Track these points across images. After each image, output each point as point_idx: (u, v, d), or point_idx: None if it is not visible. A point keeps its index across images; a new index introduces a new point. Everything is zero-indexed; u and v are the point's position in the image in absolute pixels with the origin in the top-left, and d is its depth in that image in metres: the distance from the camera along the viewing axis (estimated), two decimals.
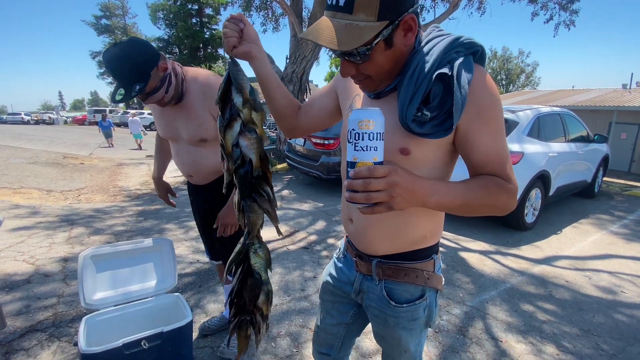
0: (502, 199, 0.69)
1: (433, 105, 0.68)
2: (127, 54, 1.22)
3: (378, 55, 0.68)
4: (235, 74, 0.73)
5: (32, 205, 4.42)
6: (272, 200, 0.78)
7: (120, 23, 36.35)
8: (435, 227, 0.85)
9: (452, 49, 0.69)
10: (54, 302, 2.21)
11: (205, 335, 1.95)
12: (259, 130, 0.74)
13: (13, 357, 1.72)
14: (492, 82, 0.71)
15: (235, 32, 0.78)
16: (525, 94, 17.32)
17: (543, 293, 2.63)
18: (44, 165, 7.31)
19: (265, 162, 0.76)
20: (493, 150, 0.70)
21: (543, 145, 3.99)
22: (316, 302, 2.34)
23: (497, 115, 0.70)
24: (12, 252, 2.91)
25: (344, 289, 0.97)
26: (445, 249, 3.36)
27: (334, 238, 3.56)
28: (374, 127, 0.59)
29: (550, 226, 4.22)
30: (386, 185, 0.57)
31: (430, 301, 0.87)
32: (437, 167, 0.77)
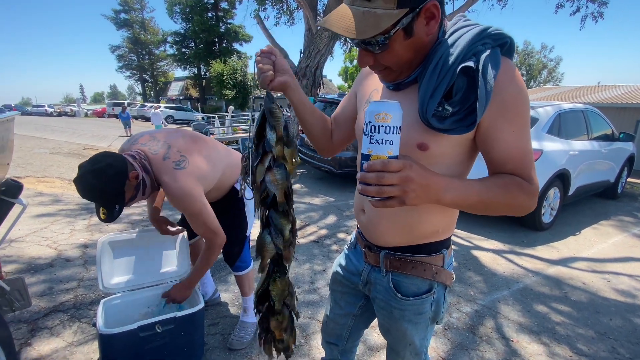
0: (521, 199, 0.67)
1: (455, 100, 0.66)
2: (95, 187, 1.20)
3: (397, 45, 0.65)
4: (271, 111, 0.74)
5: (54, 193, 4.60)
6: (288, 239, 0.79)
7: (138, 17, 36.99)
8: (448, 222, 0.84)
9: (479, 40, 0.66)
10: (75, 285, 2.31)
11: (216, 324, 1.99)
12: (288, 166, 0.76)
13: (38, 335, 1.81)
14: (520, 77, 0.67)
15: (270, 65, 0.77)
16: (547, 90, 16.75)
17: (558, 294, 2.57)
18: (66, 156, 7.58)
19: (289, 199, 0.77)
20: (515, 148, 0.67)
21: (563, 143, 3.86)
22: (325, 295, 2.36)
23: (523, 112, 0.67)
24: (36, 237, 3.05)
25: (352, 279, 0.98)
26: (457, 247, 3.32)
27: (345, 232, 3.56)
28: (391, 121, 0.57)
29: (569, 227, 4.10)
30: (399, 179, 0.56)
31: (438, 297, 0.86)
32: (456, 163, 0.75)
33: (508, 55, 0.69)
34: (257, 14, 8.79)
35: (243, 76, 23.25)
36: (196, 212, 1.41)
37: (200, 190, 1.43)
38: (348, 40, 12.68)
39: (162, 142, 1.43)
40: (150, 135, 1.49)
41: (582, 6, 8.64)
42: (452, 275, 0.88)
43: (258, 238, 0.79)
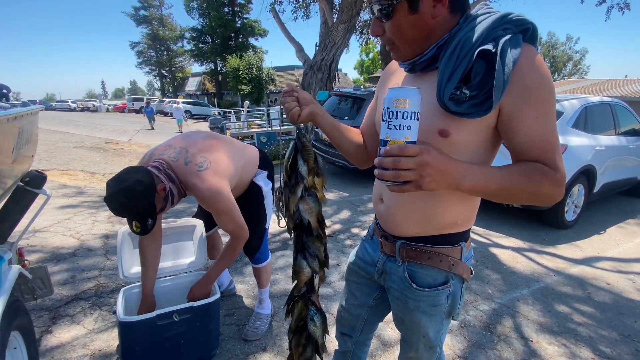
0: (546, 187, 0.65)
1: (473, 83, 0.65)
2: (126, 205, 1.21)
3: (400, 18, 0.67)
4: (303, 145, 0.80)
5: (77, 185, 4.76)
6: (322, 261, 0.84)
7: (157, 14, 37.65)
8: (467, 214, 0.82)
9: (500, 25, 0.65)
10: (96, 274, 2.39)
11: (231, 314, 2.02)
12: (319, 194, 0.81)
13: (59, 322, 1.88)
14: (543, 63, 0.65)
15: (293, 102, 0.82)
16: (572, 82, 16.10)
17: (581, 295, 2.48)
18: (89, 150, 7.83)
19: (322, 224, 0.82)
20: (539, 134, 0.65)
21: (589, 137, 3.70)
22: (338, 289, 2.36)
23: (546, 98, 0.65)
24: (60, 228, 3.17)
25: (368, 270, 0.98)
26: (474, 244, 3.24)
27: (358, 228, 3.54)
28: (409, 106, 0.58)
29: (593, 225, 3.94)
30: (416, 164, 0.57)
31: (454, 290, 0.85)
32: (478, 152, 0.73)
33: (531, 42, 0.68)
34: (273, 8, 8.77)
35: (258, 71, 23.36)
36: (226, 210, 1.43)
37: (228, 187, 1.45)
38: (364, 32, 12.45)
39: (179, 148, 1.45)
40: (166, 145, 1.51)
41: None
42: (469, 269, 0.86)
43: (294, 263, 0.85)
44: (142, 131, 13.46)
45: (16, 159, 1.37)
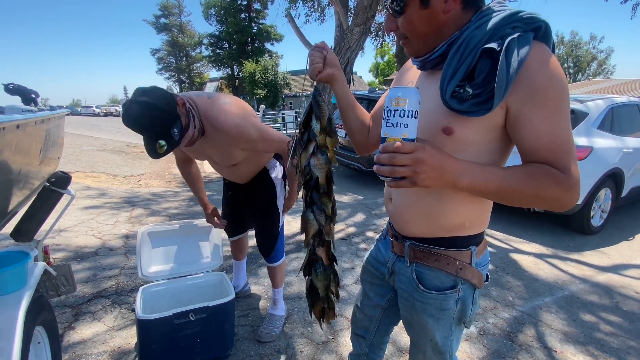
0: (552, 191, 0.62)
1: (477, 81, 0.64)
2: (150, 104, 1.11)
3: (412, 13, 0.68)
4: (317, 102, 0.81)
5: (100, 187, 4.93)
6: (329, 216, 0.85)
7: (176, 21, 38.78)
8: (476, 216, 0.80)
9: (508, 23, 0.64)
10: (117, 273, 2.45)
11: (246, 315, 2.03)
12: (329, 153, 0.83)
13: (81, 319, 1.94)
14: (555, 62, 0.63)
15: (320, 58, 0.82)
16: (597, 83, 15.52)
17: (608, 303, 2.36)
18: (111, 153, 8.11)
19: (330, 182, 0.84)
20: (547, 136, 0.63)
21: (616, 139, 3.54)
22: (353, 292, 2.34)
23: (557, 98, 0.63)
24: (83, 228, 3.28)
25: (380, 269, 0.97)
26: (494, 249, 3.15)
27: (373, 231, 3.51)
28: (405, 105, 0.59)
29: (621, 231, 3.76)
30: (410, 160, 0.58)
31: (464, 295, 0.82)
32: (487, 151, 0.72)
33: (544, 41, 0.65)
34: (289, 12, 8.88)
35: (274, 75, 23.65)
36: (258, 137, 1.35)
37: (252, 118, 1.39)
38: (379, 35, 12.44)
39: (204, 92, 1.47)
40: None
41: None
42: (480, 275, 0.82)
43: (302, 216, 0.86)
44: None
45: (43, 160, 1.42)
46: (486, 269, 0.86)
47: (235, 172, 1.68)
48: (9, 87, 1.65)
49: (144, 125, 1.13)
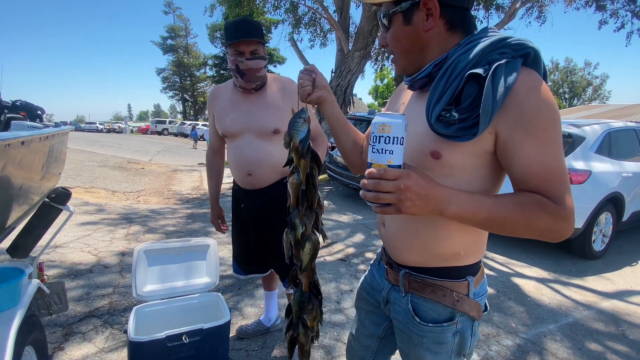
0: (544, 222, 0.60)
1: (463, 106, 0.63)
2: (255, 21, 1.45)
3: (397, 28, 0.72)
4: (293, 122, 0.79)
5: (99, 203, 4.91)
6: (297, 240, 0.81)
7: (183, 43, 39.98)
8: (471, 244, 0.77)
9: (496, 49, 0.64)
10: (110, 292, 2.40)
11: (242, 339, 1.97)
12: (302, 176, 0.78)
13: (71, 339, 1.88)
14: (545, 88, 0.63)
15: (309, 81, 0.84)
16: (593, 108, 15.80)
17: (614, 331, 2.30)
18: (112, 169, 8.13)
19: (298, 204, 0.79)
20: (538, 164, 0.61)
21: (615, 164, 3.56)
22: (351, 315, 2.28)
23: (548, 124, 0.61)
24: (79, 244, 3.24)
25: (375, 297, 0.94)
26: (495, 273, 3.10)
27: (372, 252, 3.46)
28: (390, 132, 0.60)
29: (623, 256, 3.71)
30: (395, 187, 0.58)
31: (462, 327, 0.78)
32: (477, 177, 0.70)
33: (534, 67, 0.65)
34: (292, 37, 9.16)
35: None
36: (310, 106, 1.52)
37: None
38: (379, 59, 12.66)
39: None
40: None
41: (626, 22, 8.19)
42: (478, 306, 0.79)
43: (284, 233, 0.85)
44: (162, 152, 13.94)
45: (44, 176, 1.43)
46: (484, 299, 0.83)
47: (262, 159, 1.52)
48: (16, 103, 1.68)
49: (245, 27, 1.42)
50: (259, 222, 1.64)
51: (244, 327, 2.00)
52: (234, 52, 1.43)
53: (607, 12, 8.19)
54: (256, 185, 1.57)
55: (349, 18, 7.94)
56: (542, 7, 8.73)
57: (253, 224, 1.66)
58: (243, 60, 1.42)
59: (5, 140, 0.87)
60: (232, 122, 1.53)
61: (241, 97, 1.54)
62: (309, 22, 10.06)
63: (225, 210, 1.82)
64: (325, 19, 8.07)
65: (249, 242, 1.71)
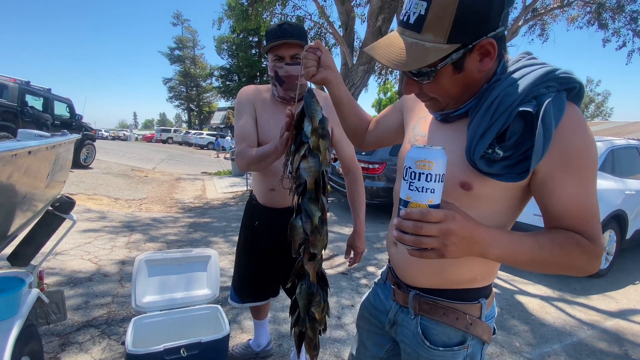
0: (581, 261, 0.60)
1: (508, 144, 0.61)
2: (298, 24, 1.35)
3: (444, 79, 0.63)
4: (309, 104, 0.79)
5: (101, 210, 4.92)
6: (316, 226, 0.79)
7: (190, 54, 40.73)
8: (488, 269, 0.77)
9: (543, 82, 0.61)
10: (109, 301, 2.38)
11: None
12: (321, 156, 0.79)
13: (67, 349, 1.86)
14: (587, 126, 0.62)
15: (314, 61, 0.80)
16: (595, 125, 15.85)
17: (617, 351, 2.25)
18: (115, 176, 8.17)
19: (319, 187, 0.79)
20: (577, 203, 0.61)
21: (618, 181, 3.55)
22: (352, 331, 2.24)
23: (588, 164, 0.61)
24: (79, 251, 3.24)
25: (379, 317, 0.91)
26: (499, 290, 3.05)
27: (375, 266, 3.43)
28: (433, 168, 0.54)
29: (627, 275, 3.66)
30: (439, 232, 0.53)
31: (473, 352, 0.77)
32: (502, 209, 0.69)
33: (575, 101, 0.64)
34: None
35: None
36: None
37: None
38: (382, 73, 12.85)
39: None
40: None
41: (628, 41, 8.29)
42: (490, 330, 0.78)
43: (290, 222, 0.81)
44: (166, 160, 14.02)
45: (49, 184, 1.44)
46: (494, 321, 0.81)
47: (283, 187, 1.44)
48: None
49: (289, 30, 1.30)
50: (270, 247, 1.54)
51: (230, 349, 1.86)
52: (274, 58, 1.33)
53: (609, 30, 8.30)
54: (276, 203, 1.48)
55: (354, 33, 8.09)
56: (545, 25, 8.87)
57: (265, 245, 1.55)
58: (282, 66, 1.32)
59: (12, 150, 0.89)
60: (270, 135, 1.41)
61: (280, 107, 1.43)
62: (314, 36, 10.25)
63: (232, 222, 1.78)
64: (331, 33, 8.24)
65: (253, 265, 1.61)
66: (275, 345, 2.02)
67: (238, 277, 1.69)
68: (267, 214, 1.52)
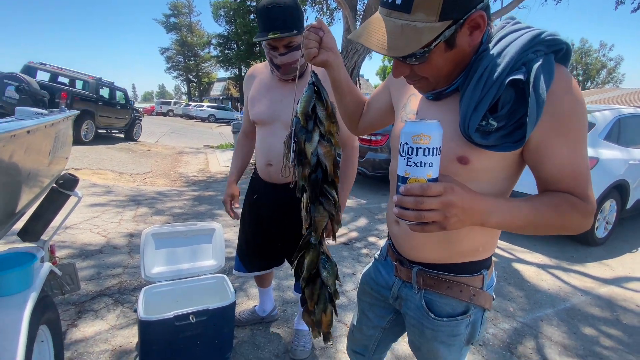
0: (575, 220, 0.62)
1: (501, 114, 0.61)
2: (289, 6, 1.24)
3: (437, 57, 0.61)
4: (321, 87, 0.77)
5: (106, 185, 4.99)
6: (337, 205, 0.82)
7: (186, 21, 39.17)
8: (489, 240, 0.79)
9: (530, 48, 0.60)
10: (120, 272, 2.49)
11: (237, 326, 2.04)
12: (334, 139, 0.79)
13: (84, 317, 1.97)
14: (577, 87, 0.61)
15: (315, 42, 0.78)
16: (606, 92, 15.36)
17: (609, 317, 2.34)
18: (118, 150, 8.20)
19: (336, 169, 0.80)
20: (570, 165, 0.62)
21: (623, 150, 3.51)
22: (353, 298, 2.34)
23: (580, 126, 0.61)
24: (89, 225, 3.33)
25: (381, 292, 0.94)
26: (497, 259, 3.14)
27: (375, 237, 3.51)
28: (430, 142, 0.54)
29: (625, 243, 3.72)
30: (440, 204, 0.53)
31: (475, 319, 0.81)
32: (500, 178, 0.70)
33: (563, 62, 0.63)
34: None
35: None
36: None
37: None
38: None
39: None
40: None
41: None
42: (491, 298, 0.82)
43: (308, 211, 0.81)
44: (168, 133, 13.97)
45: (52, 160, 1.46)
46: (493, 289, 0.84)
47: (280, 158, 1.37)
48: (19, 87, 1.68)
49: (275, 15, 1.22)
50: (271, 218, 1.59)
51: (237, 314, 1.94)
52: (267, 45, 1.31)
53: None
54: (274, 177, 1.50)
55: None
56: None
57: (267, 217, 1.60)
58: (277, 56, 1.31)
59: (10, 131, 0.90)
60: (263, 110, 1.43)
61: (277, 83, 1.43)
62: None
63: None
64: None
65: (256, 236, 1.66)
66: (279, 311, 2.12)
67: (242, 248, 1.75)
68: (266, 188, 1.56)
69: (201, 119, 25.62)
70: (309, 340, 1.83)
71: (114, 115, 9.42)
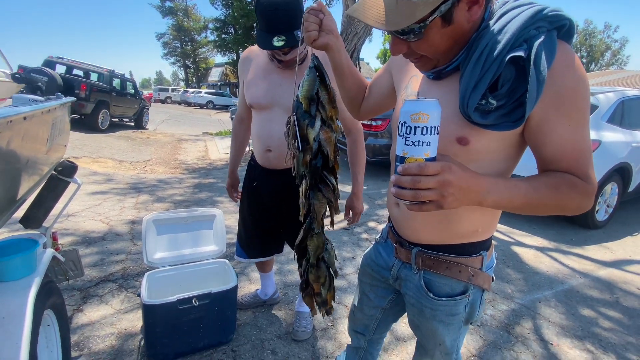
0: (575, 200, 0.61)
1: (501, 92, 0.60)
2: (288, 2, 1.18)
3: (433, 34, 0.60)
4: (323, 71, 0.76)
5: (107, 173, 4.99)
6: (336, 191, 0.82)
7: (182, 5, 38.25)
8: (489, 221, 0.79)
9: (532, 24, 0.58)
10: (123, 258, 2.52)
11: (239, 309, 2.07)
12: (334, 125, 0.78)
13: (89, 301, 2.00)
14: (580, 65, 0.60)
15: (315, 24, 0.76)
16: (610, 74, 15.12)
17: (608, 299, 2.37)
18: (117, 138, 8.16)
19: (336, 156, 0.79)
20: (571, 144, 0.61)
21: (626, 133, 3.48)
22: (353, 281, 2.37)
23: (582, 104, 0.60)
24: (91, 213, 3.35)
25: (382, 273, 0.95)
26: (496, 242, 3.16)
27: (375, 222, 3.53)
28: (428, 120, 0.54)
29: (626, 226, 3.74)
30: (437, 183, 0.53)
31: (473, 299, 0.82)
32: (500, 159, 0.69)
33: (566, 39, 0.61)
34: None
35: None
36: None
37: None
38: None
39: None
40: None
41: None
42: (490, 279, 0.82)
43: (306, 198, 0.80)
44: (167, 120, 13.87)
45: (50, 147, 1.45)
46: (493, 270, 0.85)
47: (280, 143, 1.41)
48: (15, 75, 1.66)
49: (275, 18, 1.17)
50: (270, 205, 1.58)
51: (239, 299, 1.97)
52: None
53: None
54: (273, 164, 1.47)
55: None
56: None
57: (266, 204, 1.59)
58: (280, 54, 1.29)
59: (7, 117, 0.88)
60: (262, 94, 1.40)
61: (276, 70, 1.39)
62: None
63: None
64: None
65: (256, 223, 1.66)
66: (281, 294, 2.15)
67: (242, 235, 1.75)
68: (265, 175, 1.53)
69: (199, 105, 25.42)
70: (310, 322, 1.86)
71: (125, 104, 10.00)
